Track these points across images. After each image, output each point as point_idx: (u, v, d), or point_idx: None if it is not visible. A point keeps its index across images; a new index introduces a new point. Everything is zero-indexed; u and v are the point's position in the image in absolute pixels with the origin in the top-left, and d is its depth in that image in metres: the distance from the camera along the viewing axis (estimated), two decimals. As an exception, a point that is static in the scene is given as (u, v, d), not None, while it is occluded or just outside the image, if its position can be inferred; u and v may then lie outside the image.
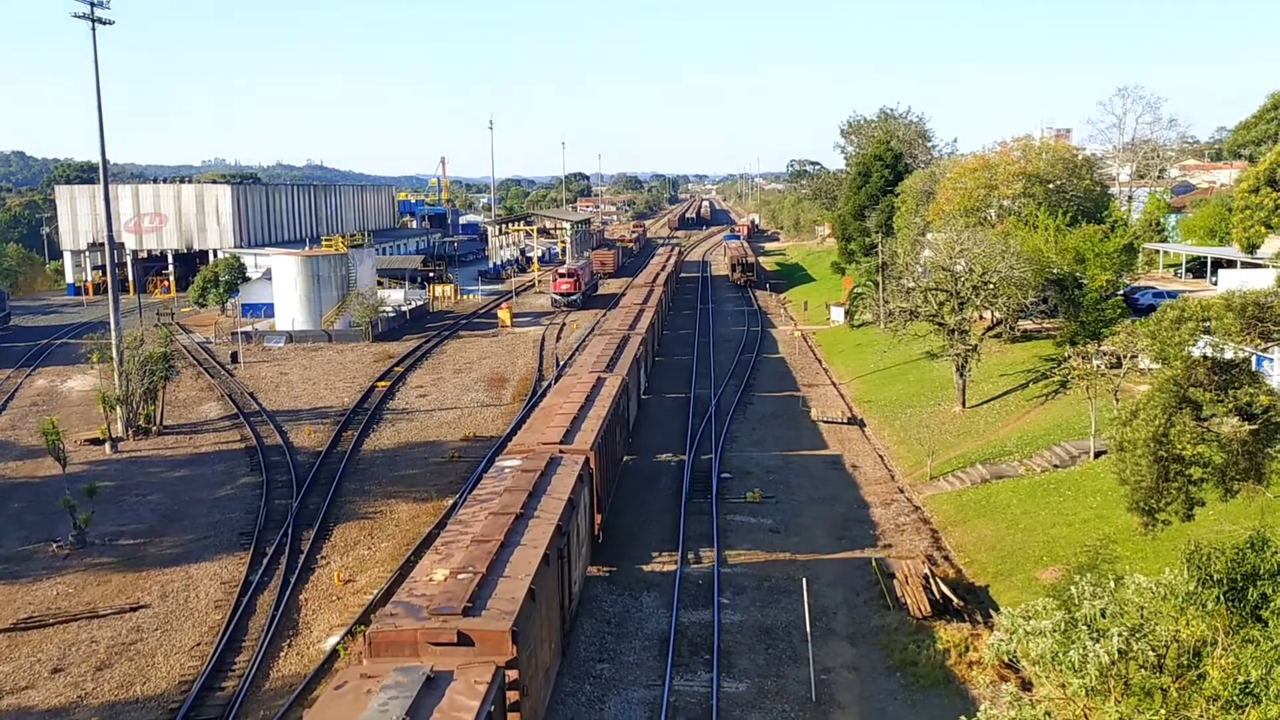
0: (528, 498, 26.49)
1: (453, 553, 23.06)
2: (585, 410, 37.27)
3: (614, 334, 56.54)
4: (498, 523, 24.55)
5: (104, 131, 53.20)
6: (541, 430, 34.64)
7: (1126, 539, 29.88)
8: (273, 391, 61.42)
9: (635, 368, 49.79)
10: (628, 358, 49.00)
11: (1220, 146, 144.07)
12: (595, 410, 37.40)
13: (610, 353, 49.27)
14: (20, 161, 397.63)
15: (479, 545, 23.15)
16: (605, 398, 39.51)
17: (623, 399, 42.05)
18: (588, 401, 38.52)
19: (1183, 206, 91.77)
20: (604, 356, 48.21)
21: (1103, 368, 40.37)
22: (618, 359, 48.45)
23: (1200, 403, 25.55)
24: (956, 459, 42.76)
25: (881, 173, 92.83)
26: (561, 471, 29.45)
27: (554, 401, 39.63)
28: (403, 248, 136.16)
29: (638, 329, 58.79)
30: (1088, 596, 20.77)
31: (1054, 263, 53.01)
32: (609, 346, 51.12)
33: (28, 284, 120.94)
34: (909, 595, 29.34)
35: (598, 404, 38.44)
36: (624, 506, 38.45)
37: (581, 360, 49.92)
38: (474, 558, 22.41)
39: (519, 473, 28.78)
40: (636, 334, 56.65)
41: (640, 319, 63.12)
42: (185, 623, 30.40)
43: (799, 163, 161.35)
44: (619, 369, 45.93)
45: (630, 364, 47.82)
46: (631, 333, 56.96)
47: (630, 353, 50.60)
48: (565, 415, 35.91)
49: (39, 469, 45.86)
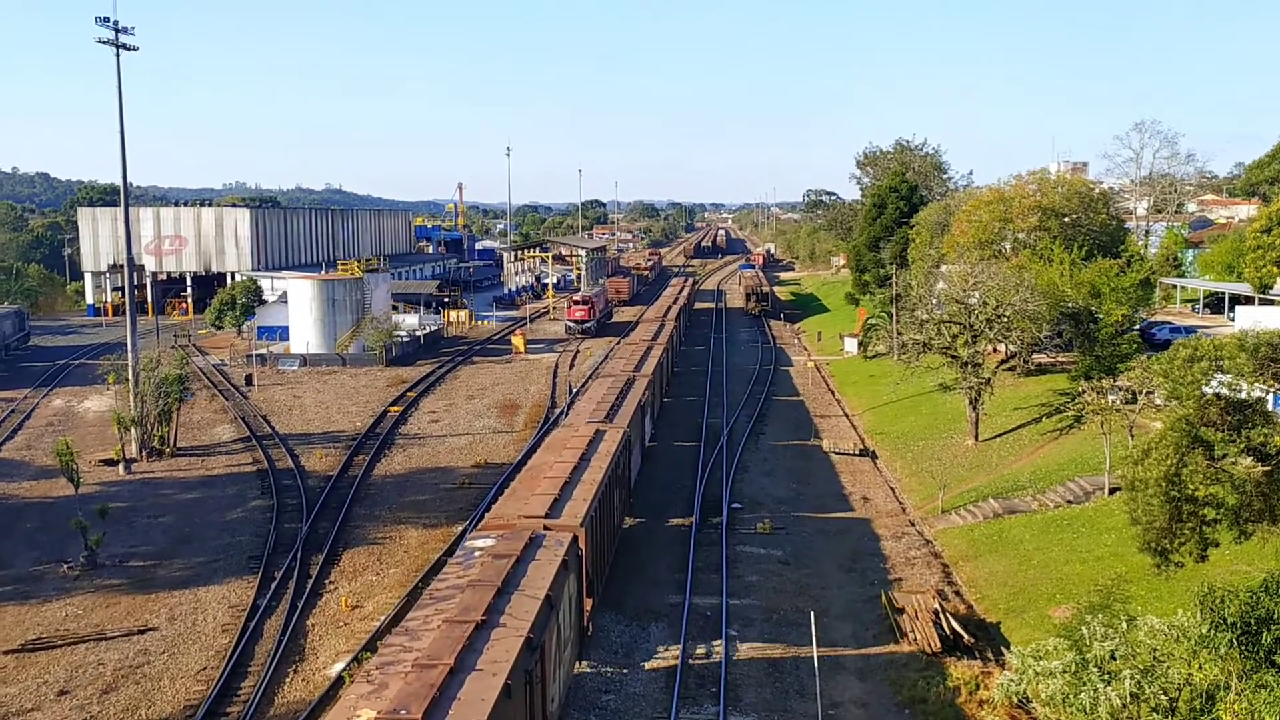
0: (495, 595, 21.69)
1: (388, 681, 18.18)
2: (579, 472, 32.91)
3: (617, 376, 52.09)
4: (452, 636, 19.55)
5: (126, 155, 53.95)
6: (525, 499, 30.27)
7: (1140, 578, 29.57)
8: (286, 415, 61.65)
9: (639, 416, 45.63)
10: (630, 405, 44.71)
11: (1236, 183, 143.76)
12: (590, 473, 32.98)
13: (612, 398, 45.12)
14: (44, 183, 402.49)
15: (421, 672, 18.27)
16: (603, 456, 35.28)
17: (623, 456, 38.09)
18: (582, 461, 34.25)
19: (1200, 241, 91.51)
20: (605, 403, 44.12)
21: (1118, 403, 40.12)
22: (619, 406, 44.27)
23: (1212, 442, 25.34)
24: (969, 493, 42.50)
25: (897, 204, 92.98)
26: (542, 557, 24.70)
27: (544, 460, 35.20)
28: (418, 272, 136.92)
29: (644, 370, 54.41)
30: (1099, 637, 20.59)
31: (1069, 296, 52.86)
32: (611, 391, 47.01)
33: (48, 304, 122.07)
34: (919, 630, 29.08)
35: (593, 464, 34.08)
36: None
37: (580, 408, 45.44)
38: (411, 693, 17.45)
39: (490, 559, 24.00)
40: (642, 376, 52.38)
41: (647, 358, 58.68)
42: (192, 646, 30.38)
43: (815, 193, 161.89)
44: (620, 419, 41.79)
45: (633, 412, 43.63)
46: (637, 375, 52.51)
47: (634, 399, 46.27)
48: (554, 480, 31.71)
49: (53, 489, 46.07)
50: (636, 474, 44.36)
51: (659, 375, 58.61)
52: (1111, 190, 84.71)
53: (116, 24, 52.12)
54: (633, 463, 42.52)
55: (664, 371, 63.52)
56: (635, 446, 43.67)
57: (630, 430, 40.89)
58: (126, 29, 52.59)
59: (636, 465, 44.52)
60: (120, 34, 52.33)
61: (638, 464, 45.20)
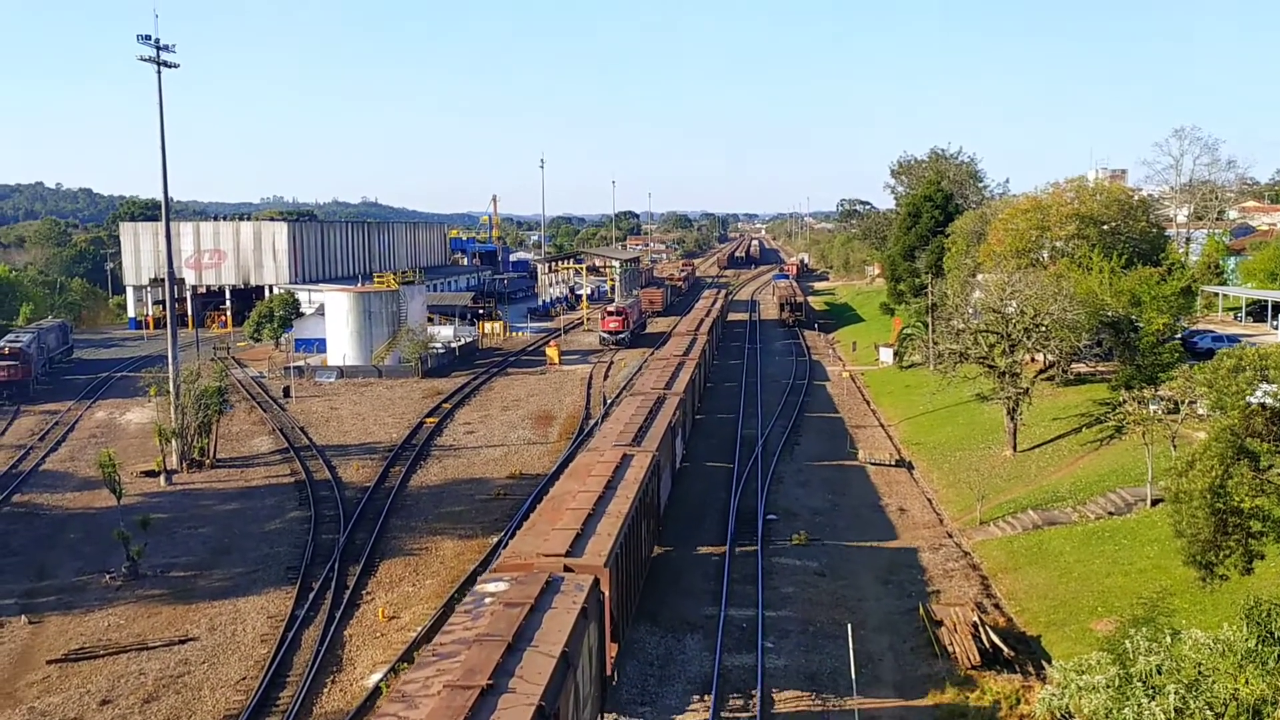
0: (505, 653, 19.23)
1: None
2: (604, 502, 30.33)
3: (648, 394, 49.36)
4: (453, 705, 17.30)
5: (167, 171, 54.65)
6: (544, 533, 27.52)
7: (1184, 591, 29.09)
8: (323, 426, 62.19)
9: (669, 437, 42.99)
10: (660, 426, 42.10)
11: (1278, 190, 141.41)
12: (616, 503, 30.34)
13: (641, 419, 42.55)
14: (87, 198, 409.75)
15: None
16: (630, 483, 32.67)
17: (652, 482, 35.43)
18: (608, 489, 31.59)
19: (1242, 249, 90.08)
20: (633, 424, 41.54)
21: (1159, 413, 39.54)
22: (648, 428, 41.62)
23: (1258, 453, 24.89)
24: (1007, 504, 42.02)
25: (931, 213, 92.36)
26: (559, 605, 21.96)
27: (566, 489, 32.51)
28: (453, 284, 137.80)
29: (675, 388, 51.58)
30: (1143, 651, 20.25)
31: (1109, 305, 52.21)
32: (640, 411, 44.28)
33: (90, 317, 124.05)
34: (957, 644, 28.77)
35: (620, 493, 31.43)
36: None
37: (607, 429, 42.88)
38: None
39: (501, 607, 21.31)
40: (674, 394, 49.50)
41: (679, 375, 55.92)
42: (232, 656, 30.67)
43: (849, 202, 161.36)
44: (649, 442, 39.11)
45: (663, 435, 40.98)
46: (668, 393, 49.64)
47: (664, 419, 43.63)
48: (577, 511, 29.11)
49: (95, 500, 46.75)
50: (667, 499, 41.96)
51: (691, 393, 55.90)
52: (1151, 198, 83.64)
53: (158, 42, 52.99)
54: (662, 488, 39.96)
55: (696, 388, 60.98)
56: (665, 470, 41.27)
57: (660, 454, 38.31)
58: (168, 46, 53.43)
59: (666, 490, 41.99)
60: (161, 51, 53.20)
61: (668, 489, 42.53)
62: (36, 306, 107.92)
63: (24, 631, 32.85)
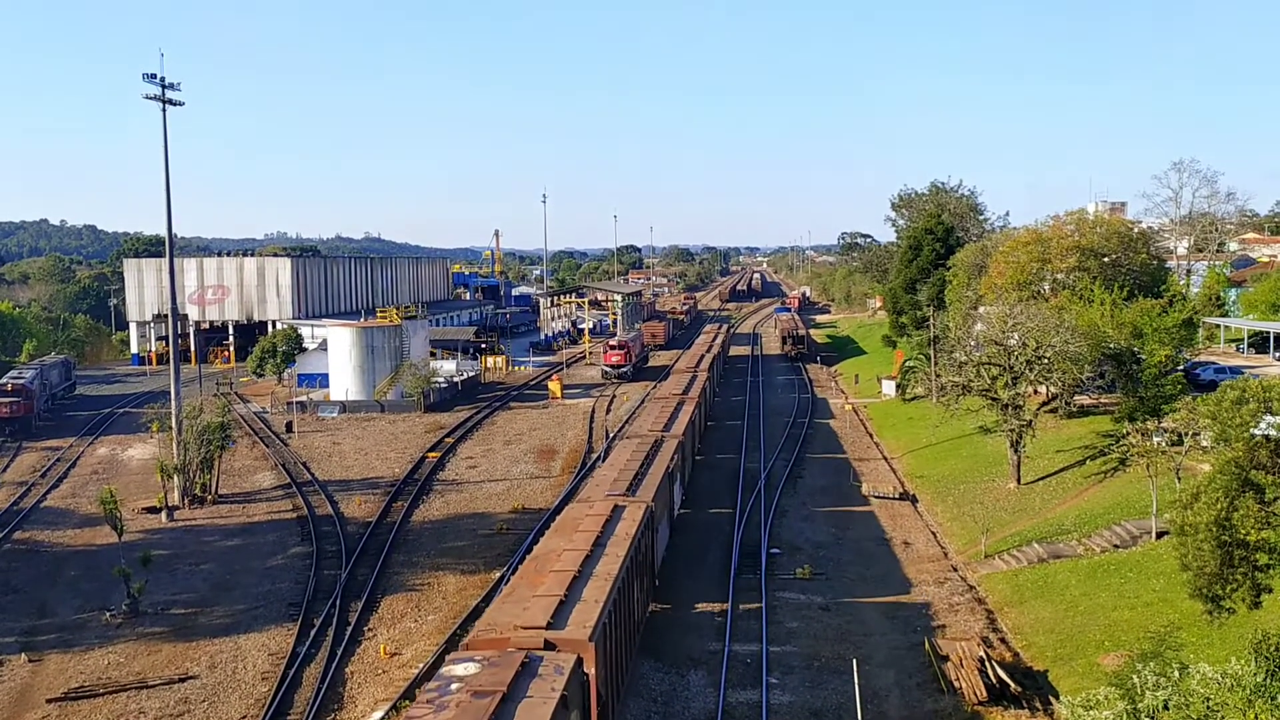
0: None
1: None
2: (591, 562, 27.57)
3: (644, 438, 46.61)
4: None
5: (171, 208, 54.97)
6: (524, 600, 24.73)
7: (1192, 624, 28.87)
8: (325, 461, 62.11)
9: (666, 484, 40.44)
10: (656, 474, 39.60)
11: (1278, 221, 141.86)
12: (605, 563, 27.57)
13: (637, 465, 40.22)
14: (92, 235, 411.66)
15: None
16: (621, 540, 29.91)
17: (645, 537, 32.74)
18: (597, 546, 28.91)
19: (1243, 280, 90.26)
20: (628, 471, 39.06)
21: (1163, 445, 39.44)
22: (643, 475, 39.10)
23: (1264, 486, 24.81)
24: (1012, 537, 41.82)
25: (933, 246, 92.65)
26: (535, 692, 19.26)
27: (552, 546, 29.58)
28: (456, 319, 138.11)
29: (674, 429, 49.13)
30: (1151, 686, 20.11)
31: (1111, 337, 52.26)
32: (636, 456, 41.91)
33: (94, 354, 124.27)
34: (964, 679, 28.52)
35: (610, 552, 28.74)
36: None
37: (600, 475, 40.30)
38: None
39: (468, 697, 18.63)
40: (672, 437, 47.17)
41: (678, 416, 53.24)
42: (232, 695, 30.44)
43: (850, 235, 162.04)
44: (643, 491, 36.59)
45: (660, 482, 38.48)
46: (666, 435, 47.36)
47: (661, 464, 41.29)
48: (562, 574, 26.33)
49: (96, 537, 46.60)
50: (663, 553, 39.13)
51: (690, 434, 53.30)
52: (1151, 230, 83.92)
53: (163, 80, 53.51)
54: (658, 542, 37.05)
55: (696, 429, 58.27)
56: (662, 521, 38.57)
57: (655, 504, 35.61)
58: (173, 85, 53.97)
59: (664, 541, 39.21)
60: (167, 90, 53.69)
61: (665, 539, 39.79)
62: (40, 343, 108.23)
63: (24, 670, 32.64)
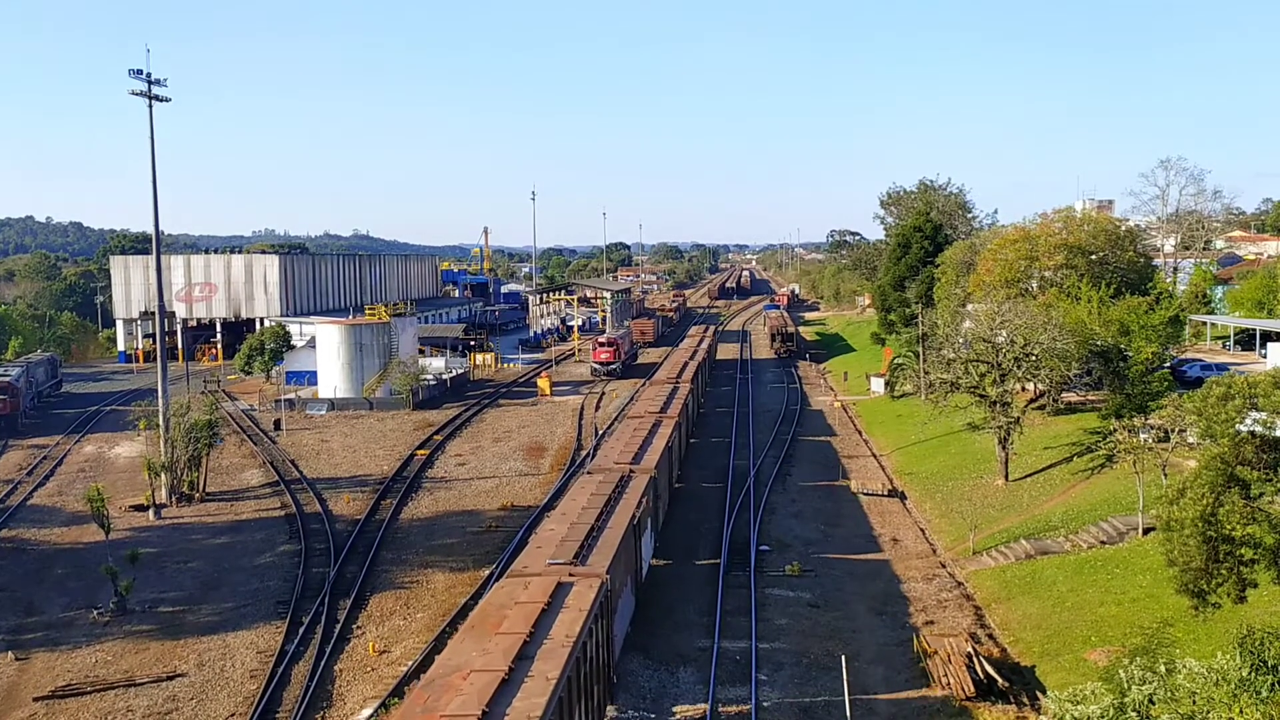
0: None
1: None
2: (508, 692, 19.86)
3: (608, 472, 38.70)
4: None
5: (158, 204, 54.86)
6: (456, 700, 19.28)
7: (1178, 620, 29.04)
8: (313, 459, 61.94)
9: (631, 540, 32.67)
10: (618, 528, 31.55)
11: (1264, 219, 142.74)
12: (526, 696, 19.70)
13: (591, 518, 31.76)
14: (77, 232, 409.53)
15: None
16: (557, 647, 21.91)
17: (597, 629, 24.92)
18: (521, 660, 21.17)
19: (1229, 278, 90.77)
20: (580, 526, 31.05)
21: (1150, 441, 39.65)
22: (600, 532, 30.94)
23: (1249, 481, 24.96)
24: (1000, 534, 42.00)
25: (921, 243, 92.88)
26: None
27: (457, 661, 21.40)
28: (445, 316, 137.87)
29: (644, 462, 40.98)
30: (1137, 681, 20.22)
31: (1098, 335, 52.49)
32: (593, 504, 33.51)
33: (80, 351, 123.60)
34: (952, 675, 28.63)
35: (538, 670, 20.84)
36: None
37: (544, 533, 31.52)
38: None
39: None
40: (642, 471, 39.20)
41: (652, 441, 45.39)
42: (220, 693, 30.36)
43: (839, 233, 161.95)
44: (598, 556, 28.63)
45: (622, 538, 30.67)
46: (634, 469, 39.35)
47: (625, 514, 33.16)
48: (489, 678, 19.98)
49: (84, 535, 46.39)
50: (628, 628, 32.17)
51: (666, 465, 45.33)
52: (1138, 228, 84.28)
53: (150, 76, 53.28)
54: (617, 627, 29.24)
55: (674, 455, 50.89)
56: (624, 592, 31.29)
57: (612, 576, 27.67)
58: (159, 81, 53.74)
59: (626, 620, 31.77)
60: (153, 86, 53.45)
61: (628, 616, 32.43)
62: (25, 340, 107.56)
63: (11, 668, 32.49)
